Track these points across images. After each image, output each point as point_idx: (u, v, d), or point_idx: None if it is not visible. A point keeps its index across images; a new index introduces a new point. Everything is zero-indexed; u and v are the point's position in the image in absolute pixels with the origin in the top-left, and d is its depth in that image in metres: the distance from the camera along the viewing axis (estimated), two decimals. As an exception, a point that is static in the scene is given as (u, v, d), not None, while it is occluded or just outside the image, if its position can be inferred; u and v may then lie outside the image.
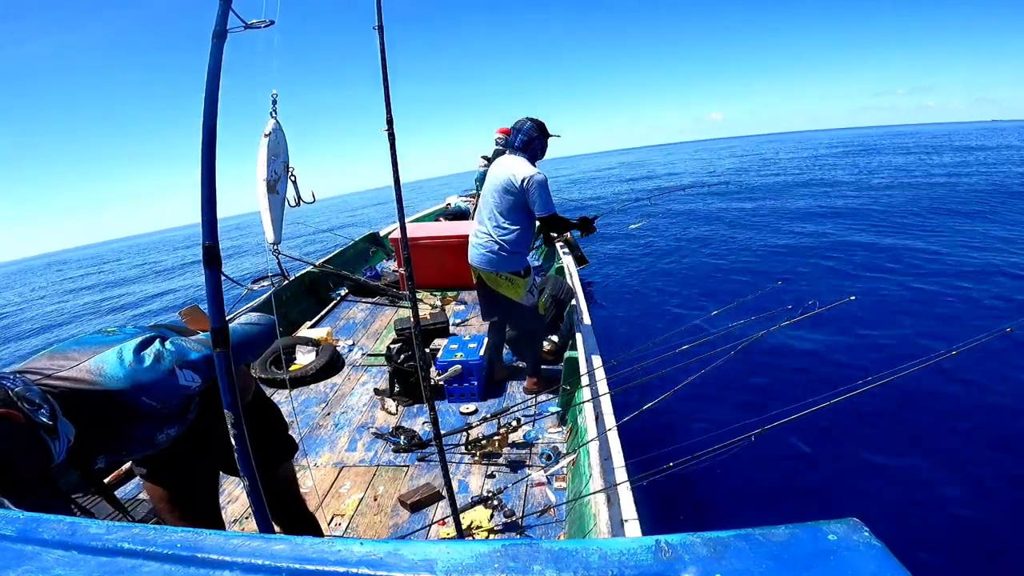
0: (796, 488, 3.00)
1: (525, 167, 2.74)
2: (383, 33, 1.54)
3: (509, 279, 2.86)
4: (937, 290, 5.89)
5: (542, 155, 2.91)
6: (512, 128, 2.88)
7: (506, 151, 2.93)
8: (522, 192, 2.72)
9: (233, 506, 2.26)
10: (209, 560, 0.44)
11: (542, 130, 2.83)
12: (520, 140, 2.81)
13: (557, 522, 2.09)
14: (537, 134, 2.82)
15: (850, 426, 3.42)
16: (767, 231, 10.19)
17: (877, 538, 0.40)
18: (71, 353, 1.05)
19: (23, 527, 0.50)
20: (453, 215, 7.37)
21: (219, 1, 0.98)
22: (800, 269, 7.28)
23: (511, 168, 2.77)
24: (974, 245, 7.61)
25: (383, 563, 0.42)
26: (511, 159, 2.83)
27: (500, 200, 2.80)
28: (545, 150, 2.91)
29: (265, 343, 1.39)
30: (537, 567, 0.40)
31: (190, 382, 1.13)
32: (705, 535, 0.41)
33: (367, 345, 3.98)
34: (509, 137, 2.89)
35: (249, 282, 3.18)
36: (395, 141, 1.54)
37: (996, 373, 3.88)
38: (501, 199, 2.79)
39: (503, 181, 2.77)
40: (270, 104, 1.42)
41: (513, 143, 2.85)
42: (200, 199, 0.95)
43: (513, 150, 2.85)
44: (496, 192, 2.81)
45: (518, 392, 3.11)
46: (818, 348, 4.59)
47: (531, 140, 2.81)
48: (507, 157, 2.87)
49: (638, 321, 5.84)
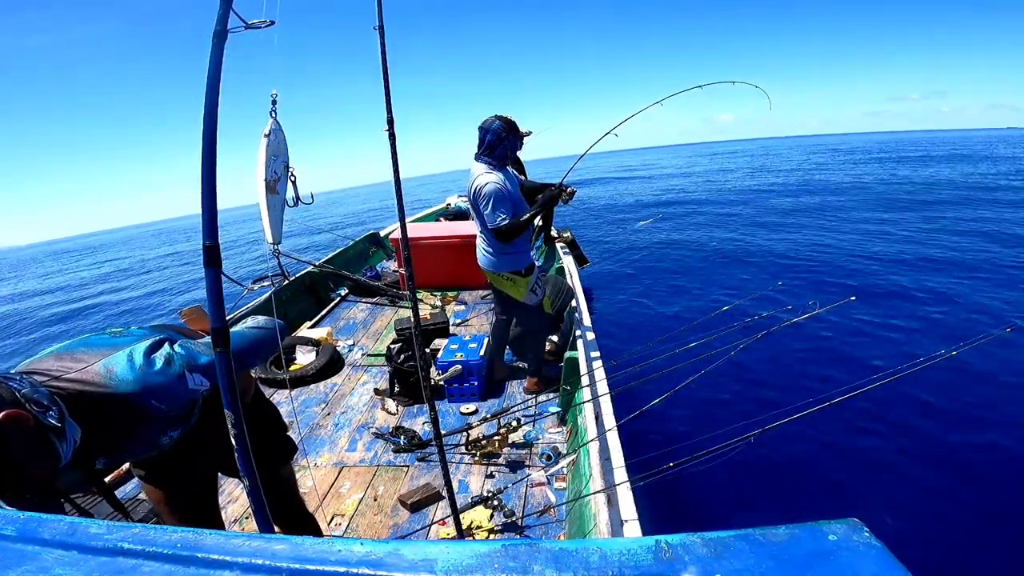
0: (796, 488, 3.00)
1: (480, 175, 2.61)
2: (383, 33, 1.54)
3: (510, 279, 2.85)
4: (944, 290, 5.91)
5: (512, 156, 2.74)
6: (479, 128, 2.68)
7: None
8: (474, 203, 2.63)
9: (233, 506, 2.26)
10: (209, 560, 0.44)
11: (511, 129, 2.64)
12: (488, 141, 2.63)
13: (557, 522, 2.09)
14: (506, 134, 2.63)
15: (850, 426, 3.42)
16: (769, 232, 10.20)
17: (877, 538, 0.40)
18: (79, 355, 1.03)
19: (23, 527, 0.50)
20: (453, 215, 7.38)
21: (219, 1, 0.98)
22: (801, 269, 7.29)
23: (472, 175, 2.67)
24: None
25: (383, 563, 0.42)
26: (474, 165, 2.68)
27: (474, 207, 2.74)
28: (516, 150, 2.74)
29: (273, 348, 1.38)
30: (537, 567, 0.40)
31: (199, 386, 1.12)
32: (705, 535, 0.41)
33: (367, 345, 3.98)
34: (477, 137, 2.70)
35: (249, 282, 3.16)
36: (396, 141, 1.54)
37: (997, 373, 3.89)
38: (475, 207, 2.73)
39: (471, 190, 2.69)
40: (270, 104, 1.42)
41: (480, 145, 2.67)
42: (200, 199, 0.95)
43: (478, 153, 2.68)
44: (471, 200, 2.75)
45: (518, 392, 3.11)
46: (818, 348, 4.59)
47: (499, 141, 2.63)
48: (472, 163, 2.72)
49: (638, 321, 5.85)
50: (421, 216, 7.83)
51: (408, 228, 1.64)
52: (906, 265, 7.03)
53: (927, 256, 7.43)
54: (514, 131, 2.68)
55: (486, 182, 2.59)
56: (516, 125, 2.68)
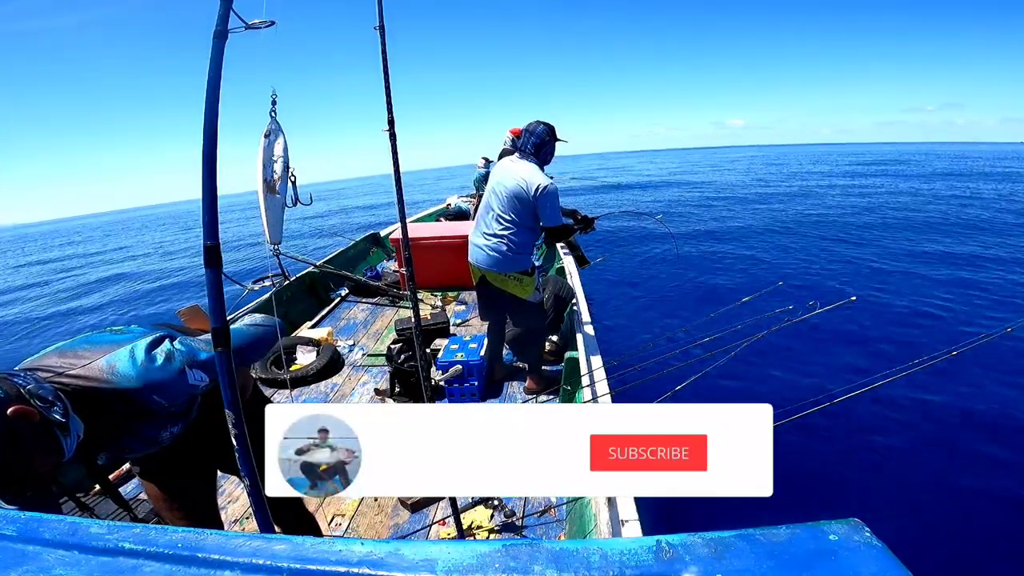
0: (796, 488, 2.99)
1: (538, 175, 2.70)
2: (384, 33, 1.54)
3: (517, 279, 2.86)
4: (944, 290, 5.90)
5: (550, 160, 2.86)
6: (524, 130, 2.81)
7: (515, 152, 2.88)
8: (533, 201, 2.69)
9: (233, 506, 2.26)
10: (210, 560, 0.44)
11: (553, 134, 2.79)
12: (532, 143, 2.75)
13: (557, 522, 2.09)
14: (549, 138, 2.77)
15: (850, 426, 3.42)
16: (770, 234, 10.20)
17: (878, 538, 0.40)
18: (81, 351, 1.05)
19: (23, 527, 0.50)
20: (453, 215, 7.38)
21: (220, 1, 0.98)
22: (801, 270, 7.29)
23: (522, 174, 2.72)
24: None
25: (383, 563, 0.42)
26: (521, 165, 2.77)
27: (508, 203, 2.76)
28: (553, 155, 2.86)
29: (270, 344, 1.40)
30: (537, 567, 0.40)
31: (199, 381, 1.14)
32: (706, 535, 0.41)
33: (367, 345, 3.98)
34: (519, 139, 2.82)
35: (249, 282, 3.17)
36: (396, 141, 1.54)
37: (997, 373, 3.89)
38: (510, 203, 2.75)
39: (513, 187, 2.73)
40: (270, 104, 1.42)
41: (524, 146, 2.78)
42: (201, 199, 0.95)
43: (523, 154, 2.79)
44: (505, 195, 2.77)
45: (518, 392, 3.11)
46: (818, 348, 4.59)
47: (543, 144, 2.75)
48: (516, 162, 2.81)
49: (638, 321, 5.85)
50: (421, 216, 7.83)
51: (408, 228, 1.64)
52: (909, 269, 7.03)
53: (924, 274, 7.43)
54: (554, 136, 2.81)
55: (547, 183, 2.68)
56: (556, 131, 2.83)
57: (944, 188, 17.81)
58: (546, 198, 2.68)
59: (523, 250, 2.82)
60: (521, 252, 2.82)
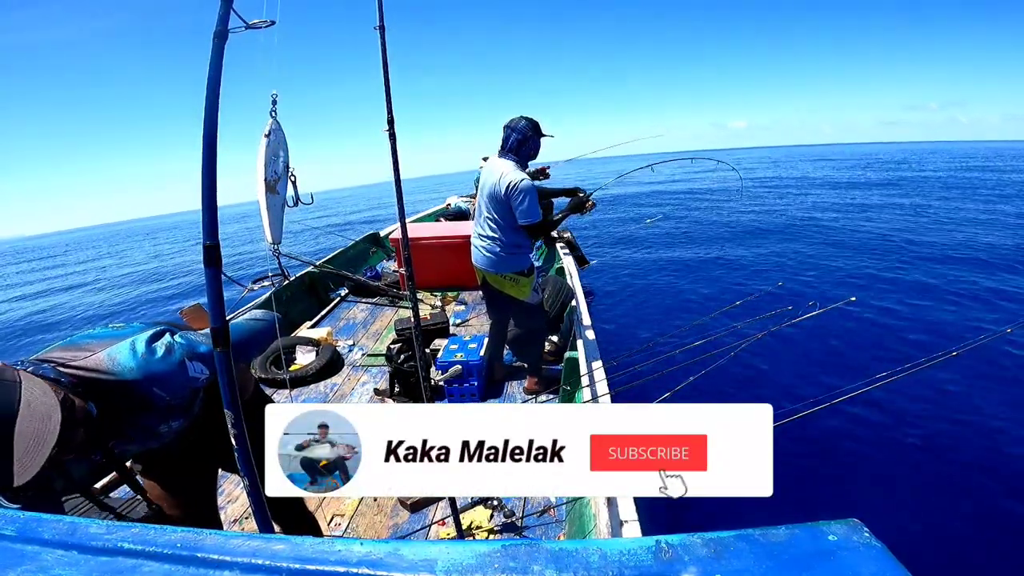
0: (796, 488, 2.99)
1: (512, 172, 2.64)
2: (384, 33, 1.54)
3: (513, 279, 2.84)
4: (944, 291, 5.91)
5: (534, 156, 2.79)
6: (505, 126, 2.74)
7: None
8: (506, 199, 2.64)
9: (233, 506, 2.26)
10: (209, 560, 0.44)
11: (536, 130, 2.71)
12: (514, 140, 2.69)
13: (557, 522, 2.09)
14: (532, 134, 2.69)
15: (850, 426, 3.42)
16: (770, 235, 10.20)
17: (877, 538, 0.40)
18: (84, 344, 1.07)
19: (23, 527, 0.50)
20: (453, 215, 7.38)
21: (220, 1, 0.98)
22: (801, 271, 7.29)
23: (498, 172, 2.68)
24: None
25: (383, 563, 0.42)
26: (499, 162, 2.71)
27: (491, 204, 2.73)
28: (538, 151, 2.79)
29: (268, 340, 1.42)
30: (537, 567, 0.40)
31: (199, 374, 1.16)
32: (705, 535, 0.41)
33: (367, 345, 3.98)
34: (502, 136, 2.75)
35: (249, 282, 3.16)
36: (396, 141, 1.54)
37: (997, 373, 3.89)
38: (492, 203, 2.72)
39: (490, 187, 2.70)
40: (270, 104, 1.42)
41: (505, 143, 2.72)
42: (200, 199, 0.95)
43: (503, 151, 2.72)
44: (487, 196, 2.74)
45: (518, 392, 3.11)
46: (818, 348, 4.59)
47: (525, 139, 2.69)
48: (496, 160, 2.75)
49: (638, 321, 5.85)
50: (421, 216, 7.83)
51: (408, 228, 1.64)
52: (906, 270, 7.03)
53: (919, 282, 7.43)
54: (538, 132, 2.74)
55: (521, 178, 2.62)
56: (540, 126, 2.74)
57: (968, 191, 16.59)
58: (518, 195, 2.62)
59: (515, 250, 2.79)
60: (514, 252, 2.79)
